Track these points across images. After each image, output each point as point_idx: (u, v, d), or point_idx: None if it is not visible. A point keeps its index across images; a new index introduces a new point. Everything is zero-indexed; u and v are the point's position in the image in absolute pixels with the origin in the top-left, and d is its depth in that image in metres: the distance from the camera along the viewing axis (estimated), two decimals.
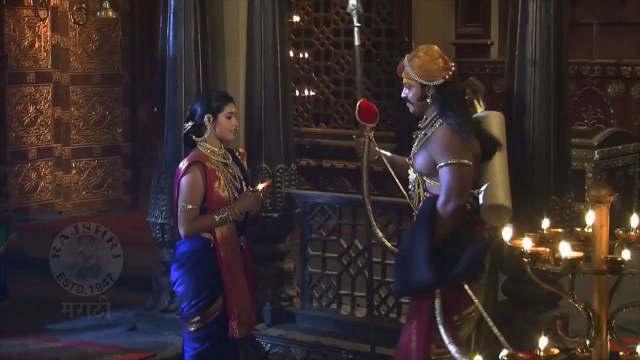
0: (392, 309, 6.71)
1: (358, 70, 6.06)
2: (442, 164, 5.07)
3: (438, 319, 5.03)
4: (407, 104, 5.33)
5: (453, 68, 5.25)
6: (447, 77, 5.19)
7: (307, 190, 9.33)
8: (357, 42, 6.02)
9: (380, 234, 5.59)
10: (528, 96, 6.06)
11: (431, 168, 5.16)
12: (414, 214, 5.33)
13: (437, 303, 5.05)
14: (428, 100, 5.21)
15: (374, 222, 5.61)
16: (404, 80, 5.30)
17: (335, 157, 11.22)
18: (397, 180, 5.47)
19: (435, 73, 5.21)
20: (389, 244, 5.60)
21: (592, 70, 9.67)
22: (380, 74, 11.26)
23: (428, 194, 5.22)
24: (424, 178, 5.24)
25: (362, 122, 5.63)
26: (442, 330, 5.00)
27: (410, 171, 5.35)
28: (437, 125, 5.20)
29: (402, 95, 5.35)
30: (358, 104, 5.67)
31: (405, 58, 5.32)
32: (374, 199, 6.05)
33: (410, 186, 5.37)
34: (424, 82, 5.21)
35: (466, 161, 5.07)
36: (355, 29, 6.00)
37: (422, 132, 5.27)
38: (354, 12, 5.96)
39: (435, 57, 5.25)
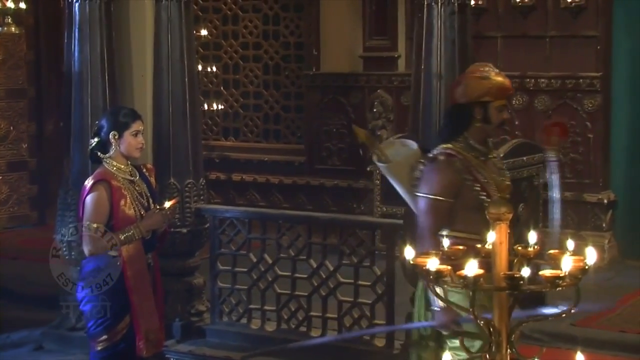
0: (302, 323, 6.74)
1: None
2: None
3: None
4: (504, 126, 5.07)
5: None
6: None
7: (216, 204, 9.33)
8: None
9: None
10: (434, 109, 6.14)
11: None
12: None
13: None
14: None
15: None
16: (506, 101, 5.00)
17: (244, 170, 11.21)
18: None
19: None
20: None
21: None
22: (290, 87, 11.28)
23: None
24: None
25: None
26: None
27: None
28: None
29: (508, 116, 5.05)
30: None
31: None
32: (283, 213, 6.05)
33: None
34: None
35: None
36: None
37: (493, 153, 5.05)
38: None
39: None
